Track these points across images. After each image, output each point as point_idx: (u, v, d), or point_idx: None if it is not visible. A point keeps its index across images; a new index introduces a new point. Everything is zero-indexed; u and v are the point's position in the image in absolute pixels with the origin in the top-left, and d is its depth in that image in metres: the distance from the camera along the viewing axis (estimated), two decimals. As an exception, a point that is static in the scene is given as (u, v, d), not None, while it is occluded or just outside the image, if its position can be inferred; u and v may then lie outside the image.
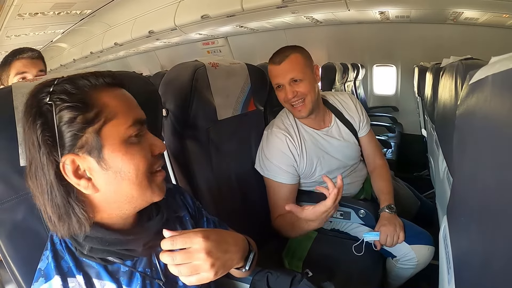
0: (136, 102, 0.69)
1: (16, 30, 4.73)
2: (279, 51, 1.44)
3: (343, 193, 1.58)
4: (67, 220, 0.61)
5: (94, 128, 0.59)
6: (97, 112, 0.60)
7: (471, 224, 0.57)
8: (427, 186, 2.55)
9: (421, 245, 1.40)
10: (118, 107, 0.62)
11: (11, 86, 0.74)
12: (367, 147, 1.66)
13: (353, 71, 4.49)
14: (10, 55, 1.52)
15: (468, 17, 3.43)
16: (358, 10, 3.72)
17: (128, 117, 0.63)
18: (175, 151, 1.28)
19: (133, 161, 0.63)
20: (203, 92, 1.28)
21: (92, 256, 0.66)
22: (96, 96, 0.61)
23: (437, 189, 1.80)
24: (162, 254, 0.66)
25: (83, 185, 0.61)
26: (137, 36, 5.61)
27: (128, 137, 0.62)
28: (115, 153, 0.61)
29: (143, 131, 0.67)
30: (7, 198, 0.72)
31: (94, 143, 0.60)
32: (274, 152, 1.45)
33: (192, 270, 0.66)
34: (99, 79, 0.63)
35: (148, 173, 0.65)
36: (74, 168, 0.60)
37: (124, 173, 0.62)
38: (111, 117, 0.61)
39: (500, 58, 0.47)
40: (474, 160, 0.53)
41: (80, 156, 0.60)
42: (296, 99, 1.41)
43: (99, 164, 0.61)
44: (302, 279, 0.99)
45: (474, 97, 0.50)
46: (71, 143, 0.59)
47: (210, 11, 4.22)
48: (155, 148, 0.68)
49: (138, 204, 0.67)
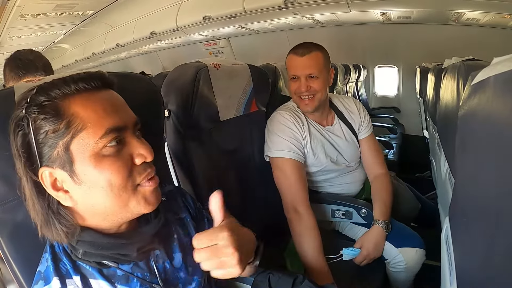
0: (121, 105, 0.65)
1: (18, 31, 4.75)
2: (303, 44, 1.47)
3: (344, 193, 1.60)
4: (50, 229, 0.62)
5: (63, 141, 0.58)
6: (67, 123, 0.58)
7: (473, 225, 0.57)
8: (429, 187, 2.54)
9: (409, 247, 1.40)
10: (88, 117, 0.59)
11: (13, 86, 0.74)
12: (366, 151, 1.64)
13: (355, 72, 4.49)
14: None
15: (470, 17, 3.42)
16: (360, 11, 3.71)
17: (100, 127, 0.59)
18: (177, 152, 1.28)
19: (104, 175, 0.59)
20: (205, 93, 1.28)
21: (87, 260, 0.65)
22: (67, 105, 0.59)
23: (439, 190, 1.80)
24: (194, 252, 0.65)
25: (62, 198, 0.60)
26: (139, 37, 5.63)
27: (99, 150, 0.59)
28: (85, 167, 0.59)
29: (124, 139, 0.63)
30: (9, 199, 0.72)
31: (64, 158, 0.58)
32: (280, 127, 1.46)
33: (219, 265, 0.65)
34: (70, 85, 0.59)
35: (128, 186, 0.62)
36: (51, 181, 0.59)
37: (97, 187, 0.60)
38: (80, 128, 0.58)
39: (502, 59, 0.46)
40: (476, 161, 0.53)
41: (54, 169, 0.59)
42: (307, 94, 1.43)
43: (72, 178, 0.59)
44: (304, 280, 0.99)
45: (476, 98, 0.50)
46: (47, 156, 0.58)
47: (212, 12, 4.23)
48: (138, 157, 0.63)
49: (123, 216, 0.65)
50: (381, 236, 1.40)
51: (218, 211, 0.69)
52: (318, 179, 1.57)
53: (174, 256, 0.79)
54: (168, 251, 0.79)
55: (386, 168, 1.65)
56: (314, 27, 4.64)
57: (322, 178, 1.57)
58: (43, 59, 1.58)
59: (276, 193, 1.43)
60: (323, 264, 1.29)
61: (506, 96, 0.41)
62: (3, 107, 0.71)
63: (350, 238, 1.61)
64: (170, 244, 0.80)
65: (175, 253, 0.80)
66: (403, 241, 1.42)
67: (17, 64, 1.50)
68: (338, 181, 1.59)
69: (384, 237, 1.41)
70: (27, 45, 5.54)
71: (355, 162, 1.63)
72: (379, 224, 1.41)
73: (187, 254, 0.81)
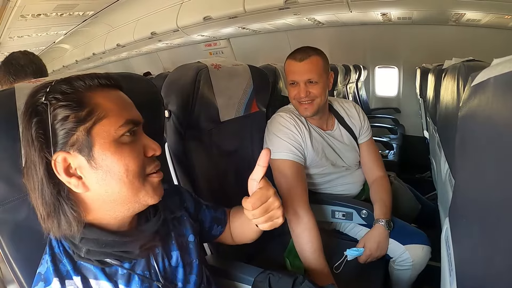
0: (132, 104, 0.70)
1: (18, 31, 4.75)
2: (301, 49, 1.45)
3: (345, 194, 1.60)
4: (56, 218, 0.62)
5: (85, 126, 0.60)
6: (89, 111, 0.61)
7: (473, 226, 0.57)
8: (429, 187, 2.54)
9: (415, 244, 1.40)
10: (110, 107, 0.63)
11: (14, 87, 0.74)
12: (366, 155, 1.65)
13: (355, 73, 4.50)
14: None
15: (470, 18, 3.42)
16: (360, 11, 3.71)
17: (120, 117, 0.63)
18: (178, 153, 1.28)
19: (123, 161, 0.63)
20: (205, 93, 1.28)
21: (89, 259, 0.66)
22: (90, 96, 0.62)
23: (439, 191, 1.80)
24: (245, 211, 0.77)
25: (73, 184, 0.61)
26: (139, 37, 5.64)
27: (119, 137, 0.63)
28: (104, 152, 0.61)
29: (137, 132, 0.67)
30: (10, 198, 0.72)
31: (84, 141, 0.60)
32: (280, 128, 1.45)
33: (268, 219, 0.77)
34: (94, 80, 0.64)
35: (140, 174, 0.66)
36: (65, 166, 0.61)
37: (113, 172, 0.62)
38: (102, 116, 0.62)
39: (502, 60, 0.46)
40: (476, 162, 0.53)
41: (71, 154, 0.60)
42: (307, 99, 1.42)
43: (89, 163, 0.61)
44: (304, 281, 0.99)
45: (476, 99, 0.50)
46: (63, 141, 0.60)
47: (212, 12, 4.24)
48: (148, 149, 0.68)
49: (131, 206, 0.68)
50: (383, 234, 1.40)
51: (264, 166, 0.75)
52: (318, 180, 1.58)
53: (172, 255, 0.81)
54: (166, 250, 0.81)
55: (385, 171, 1.66)
56: (315, 27, 4.64)
57: (322, 179, 1.58)
58: (35, 63, 1.56)
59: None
60: (323, 264, 1.29)
61: (506, 98, 0.41)
62: (4, 108, 0.71)
63: (352, 238, 1.61)
64: (168, 243, 0.82)
65: (172, 252, 0.82)
66: (409, 238, 1.41)
67: (8, 69, 1.50)
68: (338, 182, 1.60)
69: (386, 236, 1.41)
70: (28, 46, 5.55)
71: (354, 164, 1.63)
72: (381, 223, 1.41)
73: (184, 252, 0.84)
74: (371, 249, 1.39)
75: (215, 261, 1.23)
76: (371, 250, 1.39)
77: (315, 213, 1.36)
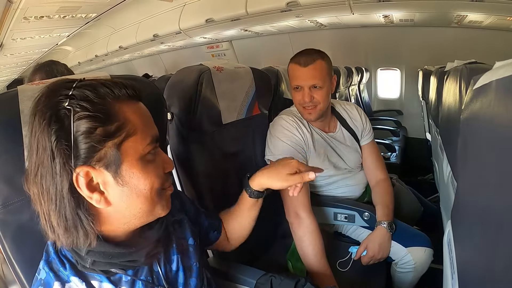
0: (152, 119, 0.68)
1: (21, 33, 4.75)
2: (305, 52, 1.44)
3: (347, 196, 1.59)
4: (74, 233, 0.59)
5: (114, 142, 0.58)
6: (119, 125, 0.58)
7: (475, 228, 0.57)
8: (432, 190, 2.54)
9: (417, 247, 1.40)
10: (138, 123, 0.61)
11: (17, 89, 0.74)
12: (368, 157, 1.65)
13: (357, 75, 4.49)
14: None
15: (472, 20, 3.41)
16: (362, 13, 3.70)
17: (147, 134, 0.62)
18: (180, 155, 1.28)
19: (149, 179, 0.62)
20: (208, 96, 1.28)
21: (93, 269, 0.65)
22: (118, 108, 0.59)
23: (442, 193, 1.79)
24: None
25: (95, 199, 0.59)
26: (141, 39, 5.65)
27: (145, 155, 0.62)
28: (132, 170, 0.60)
29: (157, 149, 0.67)
30: (12, 200, 0.72)
31: (113, 158, 0.58)
32: (282, 131, 1.46)
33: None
34: (122, 90, 0.60)
35: (160, 190, 0.66)
36: (87, 181, 0.57)
37: (139, 190, 0.62)
38: (131, 132, 0.60)
39: (504, 63, 0.47)
40: (478, 164, 0.53)
41: (96, 169, 0.58)
42: (311, 104, 1.43)
43: (115, 179, 0.59)
44: (306, 283, 0.99)
45: (478, 102, 0.50)
46: (86, 155, 0.56)
47: (214, 15, 4.25)
48: (167, 166, 0.69)
49: (146, 219, 0.68)
50: (386, 236, 1.40)
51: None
52: (320, 183, 1.57)
53: (172, 259, 0.81)
54: (167, 254, 0.80)
55: (387, 173, 1.66)
56: (317, 29, 4.63)
57: (324, 182, 1.58)
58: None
59: (278, 196, 1.42)
60: (325, 267, 1.29)
61: (508, 101, 0.41)
62: (7, 110, 0.72)
63: (354, 240, 1.61)
64: (169, 247, 0.82)
65: (173, 256, 0.81)
66: (411, 240, 1.41)
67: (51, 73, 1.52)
68: (340, 184, 1.59)
69: (388, 238, 1.41)
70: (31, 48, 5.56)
71: (356, 167, 1.63)
72: (383, 225, 1.41)
73: (184, 256, 0.84)
74: (374, 251, 1.39)
75: (217, 264, 1.23)
76: (374, 251, 1.39)
77: (317, 215, 1.36)
